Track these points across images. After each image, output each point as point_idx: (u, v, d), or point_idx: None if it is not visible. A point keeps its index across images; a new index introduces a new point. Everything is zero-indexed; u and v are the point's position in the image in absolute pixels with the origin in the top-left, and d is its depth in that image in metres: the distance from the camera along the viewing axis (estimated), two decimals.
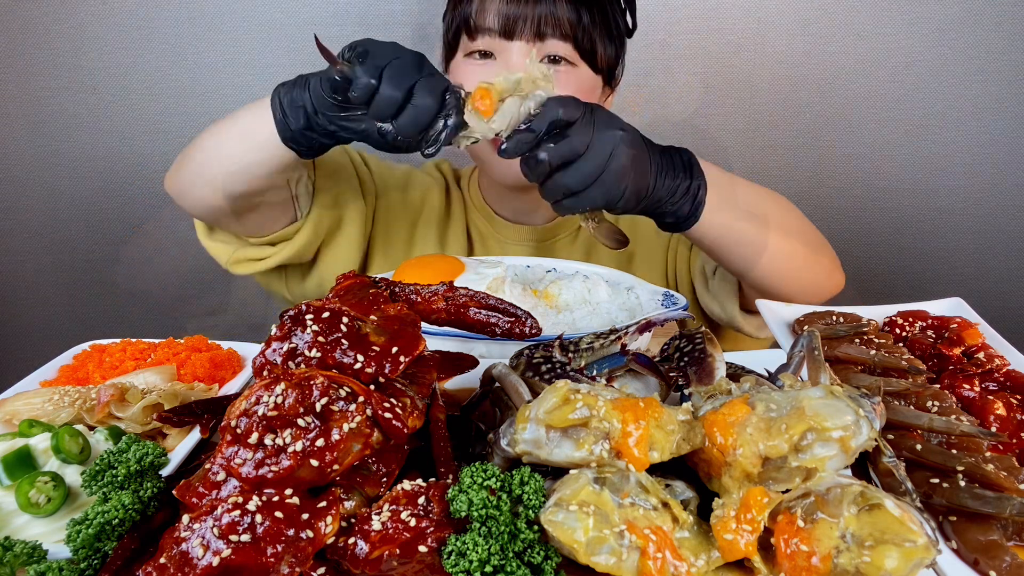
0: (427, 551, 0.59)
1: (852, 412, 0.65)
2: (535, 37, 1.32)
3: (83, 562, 0.64)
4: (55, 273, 2.30)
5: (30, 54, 2.08)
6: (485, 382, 0.86)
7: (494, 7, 1.33)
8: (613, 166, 0.97)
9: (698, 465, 0.68)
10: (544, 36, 1.33)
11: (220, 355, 1.04)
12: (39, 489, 0.73)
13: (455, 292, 0.86)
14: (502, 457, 0.73)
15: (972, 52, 2.09)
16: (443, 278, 0.89)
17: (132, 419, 0.86)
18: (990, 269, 2.31)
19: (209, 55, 2.09)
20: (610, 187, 0.98)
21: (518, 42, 1.33)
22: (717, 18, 2.06)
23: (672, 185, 1.06)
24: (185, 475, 0.71)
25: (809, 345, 0.81)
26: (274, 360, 0.71)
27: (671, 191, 1.06)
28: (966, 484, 0.71)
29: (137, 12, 2.05)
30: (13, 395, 0.92)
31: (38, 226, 2.25)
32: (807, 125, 2.16)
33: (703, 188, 1.09)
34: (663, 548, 0.60)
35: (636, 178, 1.00)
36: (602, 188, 0.97)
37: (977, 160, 2.19)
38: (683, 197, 1.08)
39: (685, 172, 1.08)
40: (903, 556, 0.57)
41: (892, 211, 2.25)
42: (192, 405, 0.83)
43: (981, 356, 0.96)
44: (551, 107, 0.95)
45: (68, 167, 2.19)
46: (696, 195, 1.09)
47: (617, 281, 1.28)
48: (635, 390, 0.84)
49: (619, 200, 1.00)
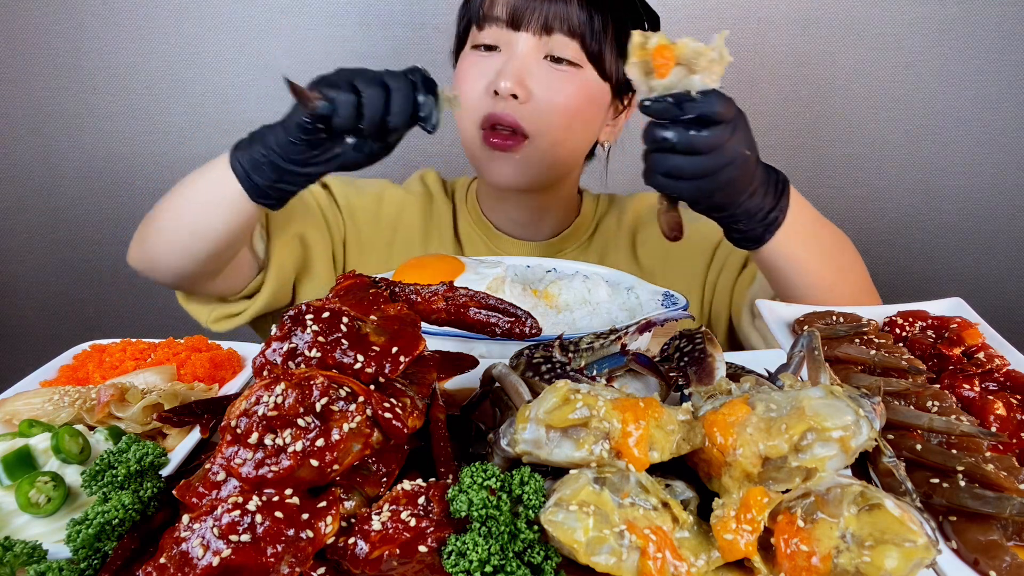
0: (427, 551, 0.59)
1: (852, 412, 0.65)
2: (542, 30, 1.32)
3: (83, 562, 0.64)
4: (55, 273, 2.30)
5: (30, 54, 2.08)
6: (485, 382, 0.86)
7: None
8: (723, 176, 0.99)
9: (698, 465, 0.68)
10: (551, 30, 1.31)
11: (220, 355, 1.04)
12: (39, 489, 0.73)
13: (455, 292, 0.86)
14: (502, 457, 0.73)
15: (972, 52, 2.09)
16: (443, 278, 0.89)
17: (132, 419, 0.86)
18: (990, 269, 2.31)
19: (209, 55, 2.09)
20: (709, 190, 1.00)
21: (524, 33, 1.32)
22: (717, 18, 2.07)
23: (756, 206, 1.07)
24: (185, 475, 0.71)
25: (809, 345, 0.81)
26: (274, 360, 0.71)
27: (752, 212, 1.07)
28: (966, 484, 0.71)
29: (137, 12, 2.05)
30: (13, 395, 0.92)
31: (38, 226, 2.25)
32: (807, 125, 2.16)
33: (782, 216, 1.10)
34: (663, 548, 0.60)
35: (734, 194, 1.03)
36: (702, 187, 0.99)
37: (977, 160, 2.19)
38: (760, 222, 1.09)
39: (774, 198, 1.09)
40: (903, 556, 0.57)
41: (892, 211, 2.25)
42: (192, 405, 0.83)
43: (981, 356, 0.96)
44: (713, 102, 0.95)
45: (68, 167, 2.19)
46: (772, 222, 1.10)
47: (617, 281, 1.28)
48: (635, 390, 0.84)
49: (706, 205, 1.04)
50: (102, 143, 2.17)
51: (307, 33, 2.08)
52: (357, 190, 1.56)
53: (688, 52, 0.93)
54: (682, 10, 2.06)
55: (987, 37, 2.07)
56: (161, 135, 2.16)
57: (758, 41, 2.08)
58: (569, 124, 1.36)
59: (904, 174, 2.21)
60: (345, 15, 2.07)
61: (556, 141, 1.37)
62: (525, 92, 1.32)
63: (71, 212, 2.23)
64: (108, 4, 2.04)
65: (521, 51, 1.32)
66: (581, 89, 1.35)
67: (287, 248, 1.42)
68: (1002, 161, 2.19)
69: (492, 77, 1.33)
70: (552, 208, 1.54)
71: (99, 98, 2.12)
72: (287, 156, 1.07)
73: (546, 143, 1.36)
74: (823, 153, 2.18)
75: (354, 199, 1.54)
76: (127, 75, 2.11)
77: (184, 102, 2.13)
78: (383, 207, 1.56)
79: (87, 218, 2.24)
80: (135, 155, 2.18)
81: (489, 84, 1.34)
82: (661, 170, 1.00)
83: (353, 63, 2.24)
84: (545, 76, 1.33)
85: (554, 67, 1.33)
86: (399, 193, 1.59)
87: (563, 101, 1.34)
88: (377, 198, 1.56)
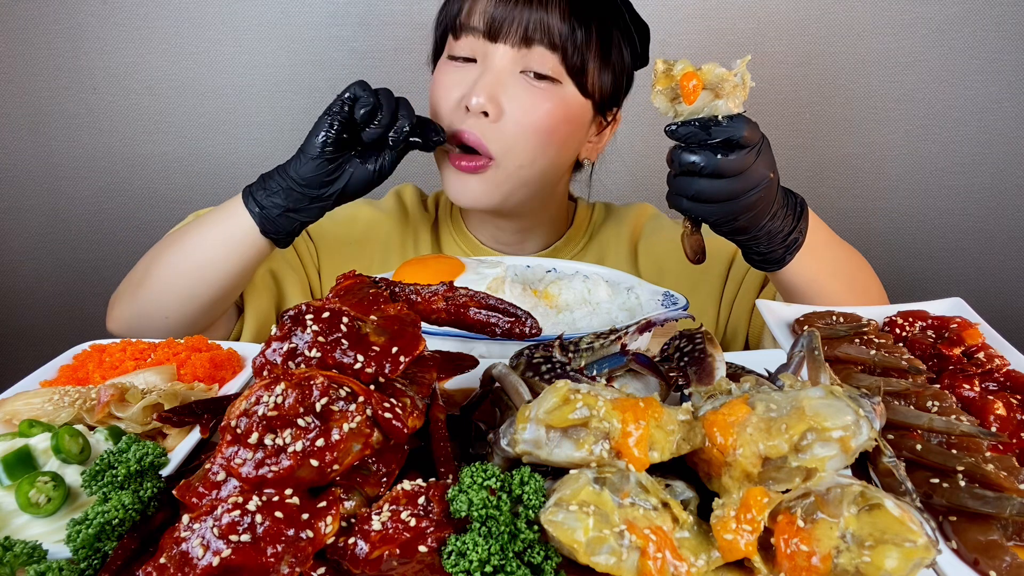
0: (427, 551, 0.59)
1: (852, 412, 0.65)
2: (522, 42, 1.25)
3: (83, 562, 0.64)
4: (55, 273, 2.30)
5: (30, 54, 2.08)
6: (485, 382, 0.86)
7: (481, 6, 1.27)
8: (746, 200, 1.00)
9: (698, 465, 0.68)
10: (531, 42, 1.25)
11: (220, 355, 1.04)
12: (39, 489, 0.73)
13: (455, 292, 0.86)
14: (502, 457, 0.73)
15: (972, 52, 2.09)
16: (443, 278, 0.89)
17: (132, 419, 0.86)
18: (990, 269, 2.31)
19: (209, 55, 2.09)
20: (733, 214, 1.02)
21: (503, 45, 1.26)
22: (717, 18, 2.07)
23: (778, 228, 1.08)
24: (185, 475, 0.71)
25: (809, 345, 0.81)
26: (274, 360, 0.71)
27: (773, 234, 1.08)
28: (966, 484, 0.71)
29: (137, 12, 2.05)
30: (13, 395, 0.92)
31: (38, 226, 2.25)
32: (807, 125, 2.16)
33: (802, 238, 1.11)
34: (663, 548, 0.60)
35: (755, 218, 1.04)
36: (725, 210, 1.01)
37: (977, 160, 2.19)
38: (781, 243, 1.10)
39: (793, 220, 1.10)
40: (903, 556, 0.57)
41: (892, 211, 2.25)
42: (192, 405, 0.83)
43: (981, 356, 0.96)
44: (738, 126, 0.96)
45: (68, 167, 2.19)
46: (793, 244, 1.11)
47: (617, 281, 1.27)
48: (635, 390, 0.84)
49: (729, 227, 1.05)
50: (102, 143, 2.17)
51: (307, 33, 2.08)
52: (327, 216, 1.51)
53: (713, 78, 0.95)
54: (682, 10, 2.06)
55: (987, 37, 2.07)
56: (161, 135, 2.16)
57: (758, 41, 2.08)
58: (541, 145, 1.30)
59: (904, 174, 2.21)
60: (345, 15, 2.07)
61: (524, 163, 1.31)
62: (496, 110, 1.26)
63: (71, 212, 2.23)
64: (108, 4, 2.04)
65: (497, 65, 1.27)
66: (558, 107, 1.29)
67: (259, 287, 1.40)
68: (1002, 161, 2.20)
69: (466, 90, 1.28)
70: (538, 227, 1.50)
71: (99, 98, 2.13)
72: (303, 179, 1.15)
73: (513, 165, 1.30)
74: (823, 153, 2.18)
75: (324, 224, 1.49)
76: (127, 75, 2.11)
77: (184, 102, 2.13)
78: (356, 228, 1.53)
79: (87, 218, 2.24)
80: (135, 155, 2.18)
81: (462, 98, 1.28)
82: (687, 193, 1.01)
83: (353, 63, 2.24)
84: (520, 93, 1.27)
85: (531, 83, 1.27)
86: (370, 212, 1.54)
87: (536, 120, 1.27)
88: (349, 220, 1.52)
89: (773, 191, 1.04)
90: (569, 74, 1.29)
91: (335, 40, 2.08)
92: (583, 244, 1.54)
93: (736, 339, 1.47)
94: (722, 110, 0.96)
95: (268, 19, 2.06)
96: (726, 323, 1.48)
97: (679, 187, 1.02)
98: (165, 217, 2.23)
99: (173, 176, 2.21)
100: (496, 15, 1.26)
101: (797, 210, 1.11)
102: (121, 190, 2.22)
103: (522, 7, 1.25)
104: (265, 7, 2.06)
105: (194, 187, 2.20)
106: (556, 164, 1.37)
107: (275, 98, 2.12)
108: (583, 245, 1.54)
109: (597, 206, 1.60)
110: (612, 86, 1.36)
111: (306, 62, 2.09)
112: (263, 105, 2.13)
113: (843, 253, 1.22)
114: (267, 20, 2.07)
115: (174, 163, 2.19)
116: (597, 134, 1.44)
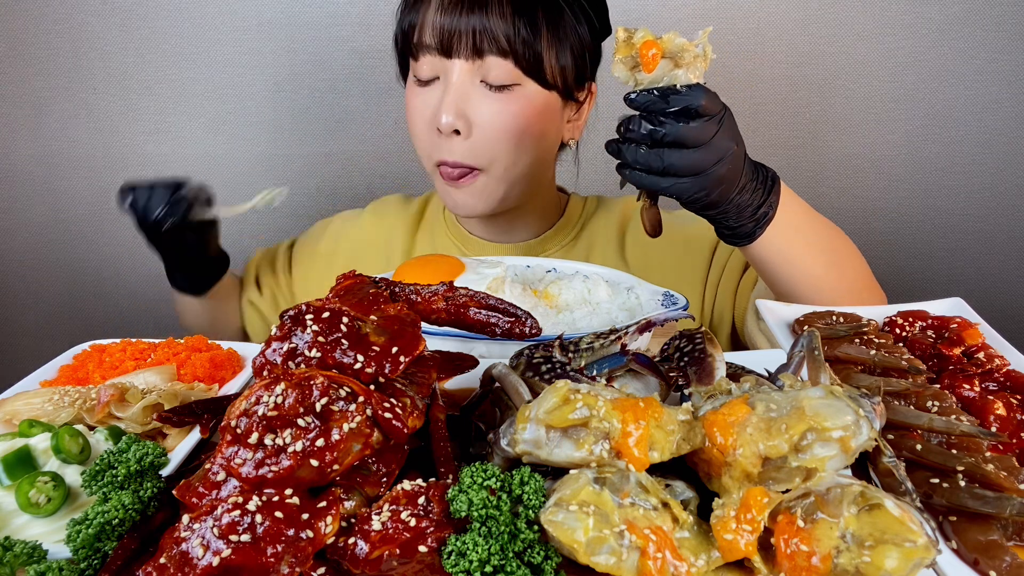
0: (427, 551, 0.59)
1: (852, 412, 0.65)
2: (473, 54, 1.27)
3: (83, 562, 0.64)
4: (55, 273, 2.30)
5: (30, 54, 2.08)
6: (485, 382, 0.86)
7: (429, 20, 1.29)
8: (714, 171, 0.99)
9: (698, 465, 0.68)
10: (482, 53, 1.27)
11: (220, 355, 1.04)
12: (39, 489, 0.73)
13: (455, 292, 0.86)
14: (502, 457, 0.73)
15: (972, 52, 2.09)
16: (443, 278, 0.89)
17: (132, 419, 0.86)
18: (990, 269, 2.31)
19: (209, 55, 2.09)
20: (701, 186, 1.00)
21: (458, 60, 1.28)
22: (717, 18, 2.06)
23: (746, 201, 1.07)
24: (185, 475, 0.71)
25: (809, 345, 0.81)
26: (274, 360, 0.71)
27: (742, 207, 1.07)
28: (966, 484, 0.71)
29: (137, 12, 2.05)
30: (13, 395, 0.92)
31: (38, 226, 2.25)
32: (807, 125, 2.16)
33: (772, 212, 1.09)
34: (663, 548, 0.60)
35: (724, 189, 1.02)
36: (694, 184, 0.99)
37: (977, 160, 2.19)
38: (751, 217, 1.08)
39: (763, 193, 1.08)
40: (903, 556, 0.57)
41: (892, 211, 2.25)
42: (192, 405, 0.83)
43: (981, 356, 0.96)
44: (696, 94, 0.94)
45: (68, 167, 2.19)
46: (763, 218, 1.09)
47: (617, 281, 1.27)
48: (635, 390, 0.84)
49: (698, 201, 1.02)
50: (102, 143, 2.17)
51: (307, 33, 2.08)
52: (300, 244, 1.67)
53: (673, 47, 0.94)
54: (682, 10, 2.06)
55: (987, 37, 2.07)
56: (161, 135, 2.16)
57: (758, 41, 2.08)
58: (519, 145, 1.34)
59: (904, 174, 2.21)
60: (345, 15, 2.07)
61: (509, 164, 1.36)
62: (466, 125, 1.30)
63: (71, 212, 2.23)
64: (108, 4, 2.04)
65: (456, 80, 1.29)
66: (524, 108, 1.32)
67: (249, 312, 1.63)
68: (1002, 161, 2.19)
69: (434, 110, 1.32)
70: (527, 216, 1.53)
71: (99, 98, 2.13)
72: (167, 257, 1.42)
73: (500, 169, 1.36)
74: (823, 153, 2.18)
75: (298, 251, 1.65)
76: (127, 75, 2.11)
77: (184, 102, 2.13)
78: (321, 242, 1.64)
79: (87, 218, 2.24)
80: (135, 155, 2.18)
81: (432, 119, 1.32)
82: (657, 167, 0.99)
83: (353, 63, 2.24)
84: (483, 103, 1.30)
85: (491, 92, 1.30)
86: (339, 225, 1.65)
87: (505, 125, 1.31)
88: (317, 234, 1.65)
89: (740, 163, 1.03)
90: (526, 74, 1.30)
91: (335, 40, 2.08)
92: (574, 234, 1.56)
93: (723, 322, 1.48)
94: (681, 80, 0.95)
95: (268, 19, 2.06)
96: (712, 307, 1.49)
97: (649, 161, 0.99)
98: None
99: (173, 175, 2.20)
100: (445, 27, 1.27)
101: (768, 183, 1.09)
102: None
103: (467, 16, 1.26)
104: (265, 7, 2.05)
105: None
106: (540, 157, 1.41)
107: (275, 98, 2.12)
108: (574, 235, 1.56)
109: (590, 199, 1.63)
110: (575, 67, 1.37)
111: (306, 62, 2.09)
112: (263, 105, 2.13)
113: (820, 228, 1.20)
114: (267, 20, 2.06)
115: (174, 163, 2.18)
116: (576, 112, 1.45)
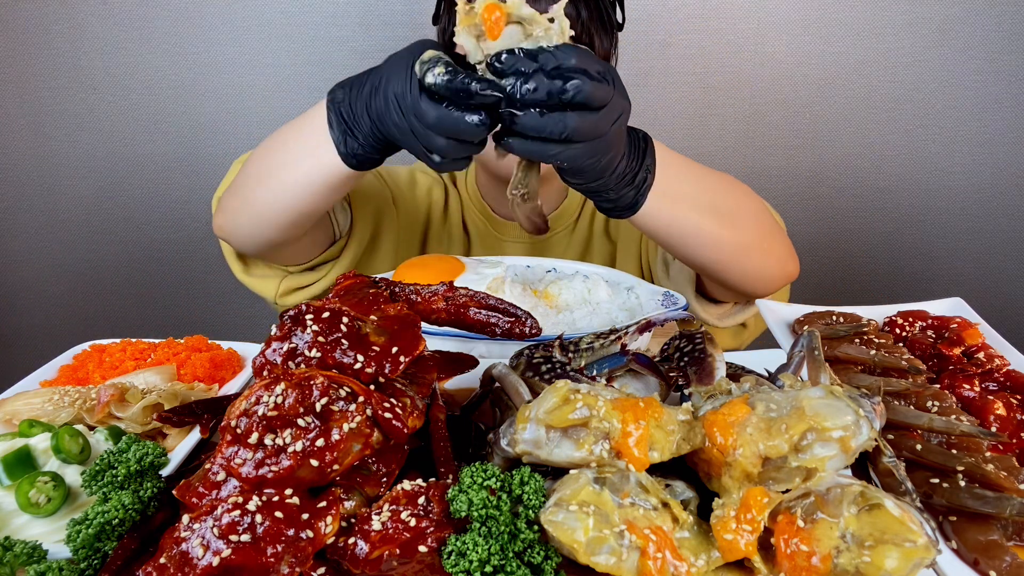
0: (427, 551, 0.59)
1: (852, 412, 0.65)
2: None
3: (83, 562, 0.64)
4: (55, 273, 2.30)
5: (30, 54, 2.08)
6: (485, 382, 0.86)
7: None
8: (610, 133, 0.86)
9: (698, 465, 0.68)
10: None
11: (220, 355, 1.04)
12: (39, 489, 0.73)
13: (455, 292, 0.86)
14: (502, 457, 0.73)
15: (972, 52, 2.09)
16: (443, 278, 0.89)
17: (132, 419, 0.86)
18: (990, 269, 2.31)
19: (209, 55, 2.09)
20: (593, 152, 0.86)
21: None
22: (717, 18, 2.07)
23: (624, 169, 0.94)
24: (185, 475, 0.71)
25: (809, 345, 0.81)
26: (274, 360, 0.71)
27: (623, 174, 0.95)
28: (966, 484, 0.71)
29: (137, 12, 2.05)
30: (13, 395, 0.92)
31: (38, 226, 2.25)
32: (807, 125, 2.16)
33: (650, 176, 0.98)
34: (663, 548, 0.60)
35: (613, 155, 0.90)
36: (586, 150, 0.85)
37: (977, 160, 2.20)
38: (628, 185, 0.96)
39: (638, 157, 0.97)
40: (903, 556, 0.57)
41: (892, 211, 2.25)
42: (192, 405, 0.83)
43: (981, 356, 0.96)
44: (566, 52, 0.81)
45: (68, 167, 2.19)
46: (642, 184, 0.98)
47: (617, 281, 1.28)
48: (635, 390, 0.84)
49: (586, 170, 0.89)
50: (102, 143, 2.17)
51: (307, 33, 2.08)
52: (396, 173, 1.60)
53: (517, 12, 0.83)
54: (682, 10, 2.06)
55: (987, 37, 2.07)
56: (161, 135, 2.16)
57: (758, 41, 2.08)
58: None
59: (904, 174, 2.21)
60: (345, 15, 2.07)
61: None
62: None
63: (71, 212, 2.24)
64: (108, 4, 2.04)
65: None
66: None
67: (367, 219, 1.43)
68: (1002, 161, 2.20)
69: None
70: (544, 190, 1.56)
71: (99, 98, 2.13)
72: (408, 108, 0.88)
73: None
74: (823, 153, 2.18)
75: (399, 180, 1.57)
76: (127, 75, 2.11)
77: (184, 102, 2.13)
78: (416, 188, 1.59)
79: (87, 218, 2.24)
80: (135, 155, 2.18)
81: None
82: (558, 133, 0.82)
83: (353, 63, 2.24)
84: None
85: None
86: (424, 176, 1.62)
87: None
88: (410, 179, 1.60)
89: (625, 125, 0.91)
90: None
91: (335, 40, 2.08)
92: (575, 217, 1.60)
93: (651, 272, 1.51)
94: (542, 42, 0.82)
95: (268, 19, 2.06)
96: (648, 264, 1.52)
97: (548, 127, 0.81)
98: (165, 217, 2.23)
99: (173, 176, 2.21)
100: None
101: (640, 145, 0.98)
102: (121, 190, 2.22)
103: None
104: (265, 7, 2.05)
105: (194, 187, 2.20)
106: None
107: (275, 98, 2.12)
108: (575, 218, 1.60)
109: None
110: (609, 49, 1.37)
111: (306, 62, 2.09)
112: (263, 105, 2.13)
113: (705, 182, 1.11)
114: (267, 20, 2.06)
115: (174, 163, 2.18)
116: None
